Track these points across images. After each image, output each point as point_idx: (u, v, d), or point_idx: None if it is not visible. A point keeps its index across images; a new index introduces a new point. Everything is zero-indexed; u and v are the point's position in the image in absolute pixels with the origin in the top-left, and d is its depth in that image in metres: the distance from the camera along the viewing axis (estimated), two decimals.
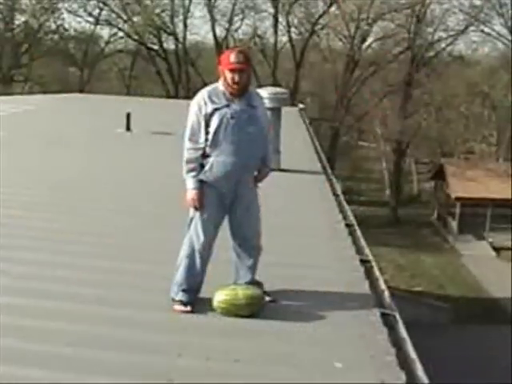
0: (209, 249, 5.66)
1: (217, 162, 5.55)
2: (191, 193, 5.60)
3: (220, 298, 5.49)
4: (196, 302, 5.61)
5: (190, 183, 5.61)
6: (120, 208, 9.08)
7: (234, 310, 5.46)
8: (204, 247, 5.62)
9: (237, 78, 5.49)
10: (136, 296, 5.84)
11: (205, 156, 5.58)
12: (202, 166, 5.58)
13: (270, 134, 5.92)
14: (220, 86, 5.61)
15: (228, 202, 5.67)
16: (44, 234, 7.55)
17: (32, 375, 4.38)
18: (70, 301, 5.63)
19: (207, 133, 5.53)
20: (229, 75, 5.51)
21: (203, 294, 5.69)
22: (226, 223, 5.77)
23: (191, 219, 5.67)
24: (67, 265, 6.51)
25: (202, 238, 5.61)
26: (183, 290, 5.61)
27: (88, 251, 7.01)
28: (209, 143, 5.54)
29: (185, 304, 5.56)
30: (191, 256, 5.63)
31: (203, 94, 5.62)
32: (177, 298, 5.61)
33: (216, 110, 5.51)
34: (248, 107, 5.60)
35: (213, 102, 5.53)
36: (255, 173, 5.75)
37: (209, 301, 5.51)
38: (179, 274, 5.66)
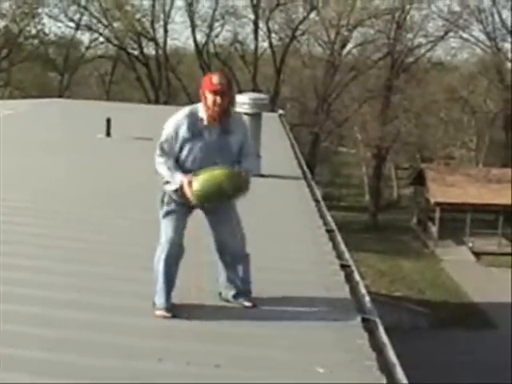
0: (180, 251, 5.63)
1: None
2: (181, 182, 5.50)
3: (197, 184, 5.41)
4: (177, 307, 5.60)
5: (176, 177, 5.52)
6: (101, 214, 9.05)
7: (216, 185, 5.40)
8: (174, 251, 5.59)
9: (218, 99, 5.43)
10: (117, 301, 5.82)
11: None
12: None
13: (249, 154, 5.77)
14: (199, 111, 5.56)
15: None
16: (25, 239, 7.50)
17: (11, 379, 4.36)
18: (50, 306, 5.61)
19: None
20: (210, 98, 5.45)
21: (183, 299, 5.69)
22: (204, 222, 5.79)
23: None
24: (47, 270, 6.48)
25: (171, 242, 5.58)
26: (162, 296, 5.59)
27: (69, 256, 6.98)
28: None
29: (165, 309, 5.56)
30: (165, 262, 5.59)
31: (184, 114, 5.57)
32: (157, 303, 5.61)
33: (188, 140, 5.50)
34: (222, 135, 5.55)
35: (188, 128, 5.50)
36: None
37: (190, 306, 5.51)
38: (156, 280, 5.64)
